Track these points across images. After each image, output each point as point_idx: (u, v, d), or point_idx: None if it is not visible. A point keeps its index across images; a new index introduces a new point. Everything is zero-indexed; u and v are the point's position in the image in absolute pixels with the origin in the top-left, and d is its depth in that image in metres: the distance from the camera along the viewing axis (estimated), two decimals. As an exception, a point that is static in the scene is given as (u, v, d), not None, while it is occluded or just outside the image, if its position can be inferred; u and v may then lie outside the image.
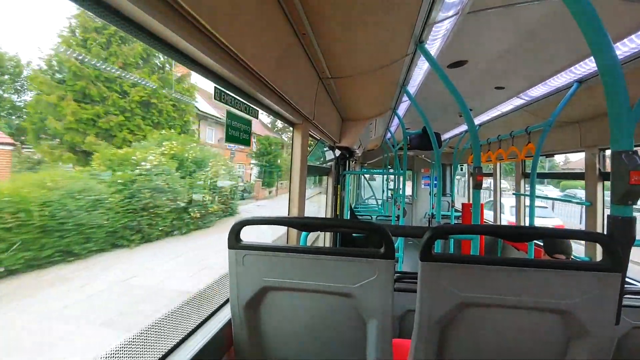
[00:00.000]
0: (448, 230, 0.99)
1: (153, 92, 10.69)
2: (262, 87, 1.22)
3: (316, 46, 1.42)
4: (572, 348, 0.87)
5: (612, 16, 1.37)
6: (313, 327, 1.06)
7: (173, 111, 11.47)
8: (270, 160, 20.62)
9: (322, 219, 1.90)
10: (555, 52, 1.85)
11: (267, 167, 20.50)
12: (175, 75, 12.03)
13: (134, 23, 0.67)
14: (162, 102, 11.00)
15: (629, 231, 0.87)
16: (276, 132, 26.93)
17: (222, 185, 10.04)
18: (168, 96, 11.21)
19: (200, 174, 9.33)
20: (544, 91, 2.49)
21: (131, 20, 0.66)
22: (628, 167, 0.85)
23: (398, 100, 2.89)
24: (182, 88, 12.22)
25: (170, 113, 11.34)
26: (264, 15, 1.03)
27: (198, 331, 1.11)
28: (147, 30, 0.71)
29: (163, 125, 10.99)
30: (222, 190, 10.08)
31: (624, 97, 0.85)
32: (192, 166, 9.27)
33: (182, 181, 8.42)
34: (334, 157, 3.82)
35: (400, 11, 1.23)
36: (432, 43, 1.68)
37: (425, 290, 0.90)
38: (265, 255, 1.03)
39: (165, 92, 11.12)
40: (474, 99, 2.94)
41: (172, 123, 11.38)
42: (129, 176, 7.10)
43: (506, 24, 1.56)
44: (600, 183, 2.81)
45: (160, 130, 10.46)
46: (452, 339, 0.93)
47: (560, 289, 0.84)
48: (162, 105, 11.05)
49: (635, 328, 1.44)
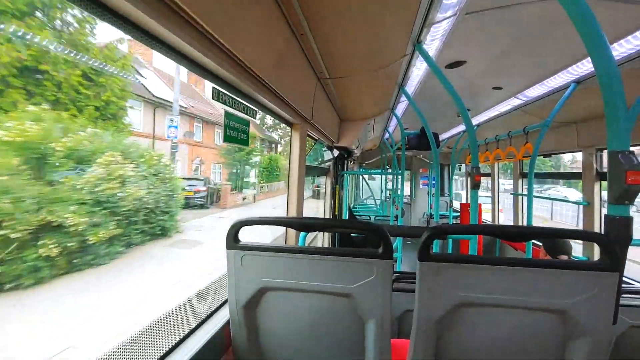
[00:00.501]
0: (446, 230, 0.99)
1: (43, 53, 6.98)
2: (260, 88, 1.22)
3: (314, 46, 1.42)
4: (570, 347, 0.87)
5: (609, 17, 1.38)
6: (312, 327, 1.06)
7: (84, 87, 7.88)
8: (245, 159, 17.24)
9: (321, 219, 1.90)
10: (552, 53, 1.86)
11: (241, 167, 17.13)
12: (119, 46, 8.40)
13: (130, 22, 0.67)
14: (60, 70, 7.28)
15: (626, 231, 0.87)
16: (266, 129, 25.17)
17: (137, 196, 6.27)
18: (79, 66, 7.46)
19: (76, 179, 5.48)
20: (541, 91, 2.50)
21: (127, 19, 0.66)
22: (625, 167, 0.85)
23: (396, 100, 2.89)
24: (106, 57, 8.60)
25: (79, 89, 7.78)
26: (262, 16, 1.03)
27: (196, 332, 1.11)
28: (145, 30, 0.70)
29: (67, 105, 7.45)
30: (137, 202, 6.33)
31: (621, 97, 0.86)
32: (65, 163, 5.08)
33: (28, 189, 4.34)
34: (333, 157, 3.82)
35: (399, 12, 1.23)
36: (431, 43, 1.69)
37: (423, 290, 0.90)
38: (263, 255, 1.03)
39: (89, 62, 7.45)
40: (471, 99, 2.95)
41: (82, 103, 7.79)
42: None
43: (504, 24, 1.56)
44: (598, 183, 2.82)
45: (62, 110, 7.01)
46: (451, 339, 0.93)
47: (558, 288, 0.84)
48: (60, 76, 7.45)
49: (632, 327, 1.45)
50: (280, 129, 26.50)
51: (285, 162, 15.57)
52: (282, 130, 26.49)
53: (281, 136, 26.88)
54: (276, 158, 21.46)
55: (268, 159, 20.72)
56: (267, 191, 18.89)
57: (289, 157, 2.00)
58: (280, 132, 26.91)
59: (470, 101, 3.02)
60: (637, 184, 0.85)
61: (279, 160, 21.09)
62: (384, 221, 5.47)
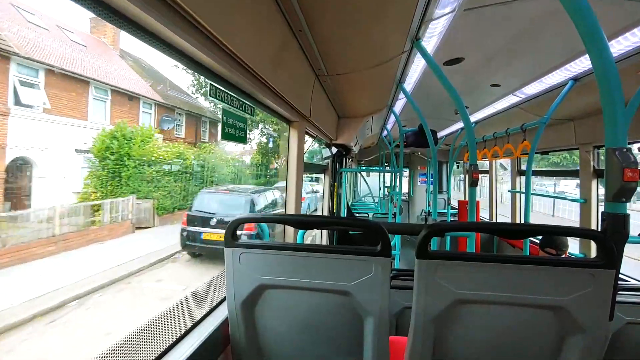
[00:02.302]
0: (444, 227, 0.99)
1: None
2: (258, 85, 1.22)
3: (312, 43, 1.41)
4: (567, 344, 0.88)
5: (607, 14, 1.38)
6: (310, 325, 1.06)
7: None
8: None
9: (319, 217, 1.90)
10: (550, 50, 1.86)
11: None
12: None
13: (127, 19, 0.66)
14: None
15: (622, 228, 0.88)
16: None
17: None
18: None
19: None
20: (539, 89, 2.50)
21: (125, 16, 0.65)
22: (622, 164, 0.85)
23: (394, 97, 2.89)
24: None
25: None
26: (259, 12, 1.02)
27: (195, 330, 1.11)
28: (141, 26, 0.69)
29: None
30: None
31: (619, 94, 0.86)
32: None
33: None
34: (331, 154, 3.82)
35: (397, 8, 1.22)
36: (429, 40, 1.68)
37: (421, 288, 0.90)
38: (261, 253, 1.02)
39: None
40: (470, 96, 2.95)
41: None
42: None
43: (502, 21, 1.56)
44: (595, 180, 2.83)
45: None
46: (449, 335, 0.94)
47: (555, 285, 0.84)
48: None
49: (628, 324, 1.46)
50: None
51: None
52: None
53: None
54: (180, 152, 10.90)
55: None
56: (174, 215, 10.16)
57: (286, 154, 1.99)
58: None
59: (468, 98, 3.01)
60: (634, 181, 0.86)
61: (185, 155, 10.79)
62: (383, 219, 5.48)
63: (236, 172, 13.52)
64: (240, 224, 1.05)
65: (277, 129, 15.66)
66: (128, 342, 0.92)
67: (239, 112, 1.39)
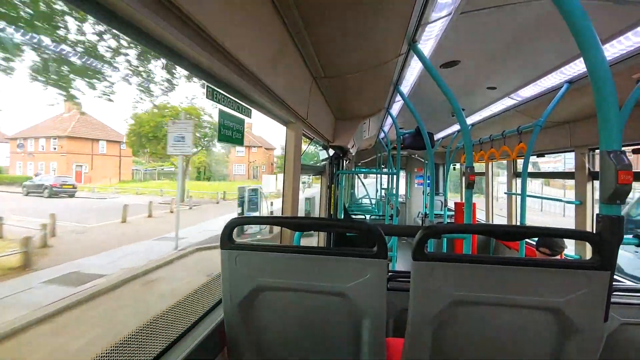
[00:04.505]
0: (441, 229, 0.99)
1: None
2: (255, 86, 1.21)
3: (310, 45, 1.41)
4: (562, 345, 0.88)
5: (602, 18, 1.39)
6: (306, 326, 1.05)
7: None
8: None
9: (316, 219, 1.90)
10: (545, 53, 1.87)
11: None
12: None
13: (122, 20, 0.65)
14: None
15: (617, 230, 0.88)
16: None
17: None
18: None
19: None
20: (534, 91, 2.52)
21: (120, 16, 0.65)
22: (616, 167, 0.86)
23: (391, 99, 2.90)
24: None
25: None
26: (257, 14, 1.02)
27: (191, 332, 1.10)
28: (136, 27, 0.69)
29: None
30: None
31: (613, 97, 0.87)
32: None
33: None
34: (328, 156, 3.82)
35: (394, 11, 1.23)
36: (425, 43, 1.69)
37: (418, 289, 0.90)
38: (258, 254, 1.02)
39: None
40: (466, 98, 2.96)
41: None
42: None
43: (498, 24, 1.57)
44: (590, 182, 2.86)
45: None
46: (445, 337, 0.94)
47: (550, 287, 0.85)
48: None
49: (623, 325, 1.47)
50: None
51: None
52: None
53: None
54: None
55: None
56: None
57: (284, 156, 1.99)
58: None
59: (464, 101, 3.03)
60: (629, 183, 0.86)
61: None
62: (379, 220, 5.48)
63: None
64: (236, 225, 1.04)
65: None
66: (122, 344, 0.91)
67: (235, 113, 1.39)
